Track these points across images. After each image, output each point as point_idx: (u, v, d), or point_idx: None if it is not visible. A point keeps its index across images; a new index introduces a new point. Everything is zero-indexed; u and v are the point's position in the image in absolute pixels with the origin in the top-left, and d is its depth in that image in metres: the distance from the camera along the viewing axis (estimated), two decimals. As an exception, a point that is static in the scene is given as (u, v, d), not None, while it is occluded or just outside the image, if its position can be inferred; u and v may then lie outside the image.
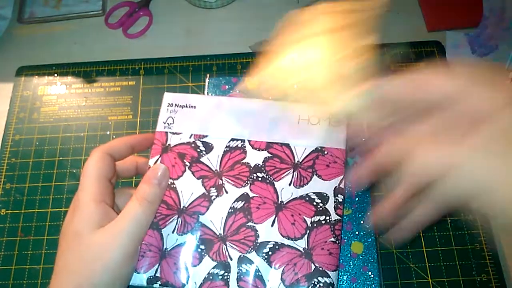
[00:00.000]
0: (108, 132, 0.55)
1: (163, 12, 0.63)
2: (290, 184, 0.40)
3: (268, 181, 0.40)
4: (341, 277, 0.43)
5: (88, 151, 0.54)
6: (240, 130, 0.42)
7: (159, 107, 0.55)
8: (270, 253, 0.38)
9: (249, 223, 0.39)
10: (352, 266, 0.43)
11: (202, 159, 0.41)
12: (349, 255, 0.44)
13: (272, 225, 0.39)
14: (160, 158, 0.41)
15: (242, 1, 0.63)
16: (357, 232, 0.45)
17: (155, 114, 0.56)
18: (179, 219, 0.39)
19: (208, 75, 0.53)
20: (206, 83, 0.53)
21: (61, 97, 0.58)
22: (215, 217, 0.39)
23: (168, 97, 0.44)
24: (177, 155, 0.41)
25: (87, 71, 0.59)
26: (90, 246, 0.33)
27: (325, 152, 0.41)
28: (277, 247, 0.38)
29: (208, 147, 0.41)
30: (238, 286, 0.37)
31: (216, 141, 0.42)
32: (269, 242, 0.38)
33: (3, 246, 0.50)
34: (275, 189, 0.40)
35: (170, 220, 0.39)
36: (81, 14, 0.63)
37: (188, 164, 0.41)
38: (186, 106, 0.43)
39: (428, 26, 0.59)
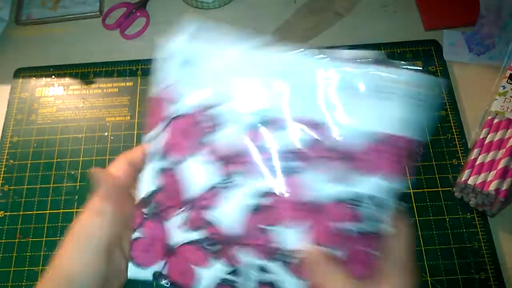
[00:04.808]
0: (106, 134, 0.55)
1: (160, 13, 0.63)
2: (333, 179, 0.29)
3: (302, 173, 0.29)
4: None
5: (86, 153, 0.54)
6: (272, 99, 0.30)
7: (157, 108, 0.56)
8: (296, 262, 0.29)
9: (272, 226, 0.30)
10: None
11: (216, 136, 0.30)
12: None
13: (301, 231, 0.29)
14: (163, 131, 0.32)
15: (239, 2, 0.63)
16: None
17: (153, 115, 0.56)
18: (185, 212, 0.31)
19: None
20: None
21: (58, 99, 0.58)
22: (228, 214, 0.30)
23: (174, 46, 0.32)
24: (185, 128, 0.31)
25: (85, 73, 0.59)
26: (63, 259, 0.33)
27: (389, 142, 0.29)
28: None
29: (226, 121, 0.30)
30: None
31: (237, 112, 0.30)
32: (295, 249, 0.29)
33: (1, 248, 0.50)
34: (311, 184, 0.29)
35: (175, 212, 0.32)
36: (78, 16, 0.63)
37: (198, 142, 0.31)
38: (204, 57, 0.31)
39: (425, 25, 0.59)
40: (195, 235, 0.31)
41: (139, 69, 0.59)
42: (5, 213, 0.51)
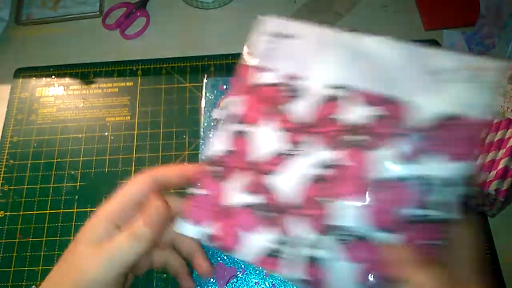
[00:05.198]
0: (106, 133, 0.55)
1: (160, 13, 0.63)
2: (399, 157, 0.29)
3: (366, 148, 0.30)
4: None
5: (86, 153, 0.54)
6: (344, 75, 0.32)
7: (157, 107, 0.56)
8: (347, 242, 0.29)
9: (328, 198, 0.30)
10: None
11: (288, 107, 0.32)
12: None
13: (358, 207, 0.29)
14: (241, 99, 0.34)
15: (239, 1, 0.63)
16: None
17: (153, 115, 0.56)
18: (246, 175, 0.32)
19: (206, 76, 0.53)
20: (204, 84, 0.53)
21: (59, 99, 0.58)
22: (287, 183, 0.31)
23: (266, 24, 0.36)
24: (261, 98, 0.33)
25: (85, 73, 0.59)
26: (79, 260, 0.33)
27: (463, 122, 0.29)
28: (359, 237, 0.29)
29: (300, 93, 0.33)
30: (298, 269, 0.30)
31: (312, 86, 0.32)
32: (349, 228, 0.29)
33: (2, 248, 0.49)
34: (374, 160, 0.29)
35: (236, 173, 0.32)
36: (78, 16, 0.63)
37: (271, 111, 0.33)
38: (284, 36, 0.35)
39: (425, 25, 0.59)
40: (250, 199, 0.32)
41: (139, 69, 0.59)
42: (5, 213, 0.51)
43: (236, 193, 0.32)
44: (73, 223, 0.50)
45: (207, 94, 0.52)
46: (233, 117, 0.34)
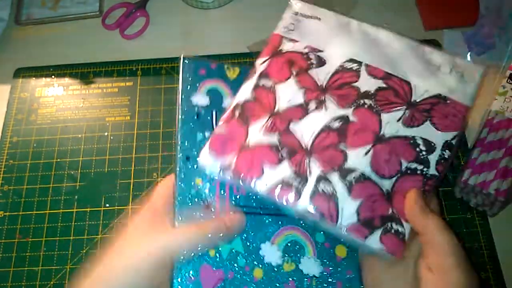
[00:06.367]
0: (106, 133, 0.55)
1: (160, 13, 0.63)
2: (398, 120, 0.38)
3: (374, 110, 0.38)
4: (326, 281, 0.39)
5: (86, 153, 0.54)
6: (361, 54, 0.40)
7: (157, 107, 0.56)
8: (353, 182, 0.36)
9: (341, 146, 0.37)
10: (336, 270, 0.39)
11: (310, 72, 0.40)
12: (333, 259, 0.40)
13: (365, 155, 0.37)
14: (269, 60, 0.41)
15: (239, 1, 0.63)
16: None
17: (153, 115, 0.56)
18: (269, 120, 0.38)
19: (182, 55, 0.42)
20: (181, 64, 0.42)
21: (58, 99, 0.58)
22: (306, 129, 0.38)
23: (296, 7, 0.44)
24: (287, 60, 0.41)
25: (85, 73, 0.59)
26: (131, 243, 0.35)
27: (447, 102, 0.38)
28: (362, 178, 0.36)
29: (320, 62, 0.40)
30: (310, 202, 0.36)
31: (330, 58, 0.40)
32: (356, 170, 0.36)
33: (1, 248, 0.49)
34: (380, 120, 0.38)
35: (260, 119, 0.38)
36: (78, 16, 0.63)
37: (294, 73, 0.40)
38: (311, 17, 0.43)
39: (425, 25, 0.59)
40: (272, 138, 0.38)
41: (139, 69, 0.59)
42: (4, 213, 0.51)
43: (258, 133, 0.38)
44: (73, 223, 0.50)
45: (186, 76, 0.42)
46: (260, 73, 0.41)
